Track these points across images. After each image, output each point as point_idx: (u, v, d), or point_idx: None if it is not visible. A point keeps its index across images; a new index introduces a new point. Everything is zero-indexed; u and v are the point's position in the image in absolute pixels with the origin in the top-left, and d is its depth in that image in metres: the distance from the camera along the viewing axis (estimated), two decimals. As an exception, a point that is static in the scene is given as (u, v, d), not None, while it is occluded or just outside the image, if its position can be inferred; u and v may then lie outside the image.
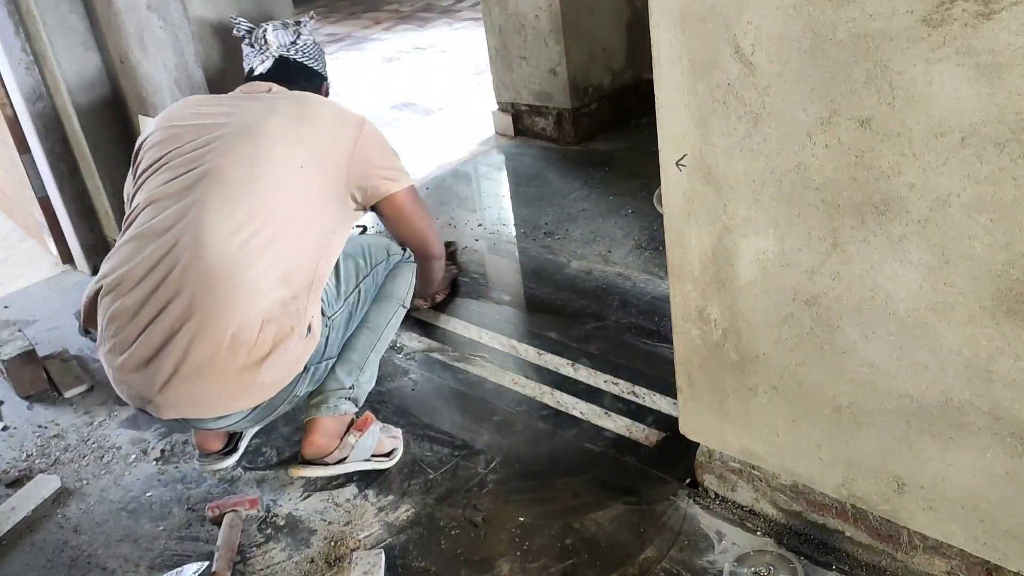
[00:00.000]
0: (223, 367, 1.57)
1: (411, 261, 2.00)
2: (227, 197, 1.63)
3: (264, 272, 1.61)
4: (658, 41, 1.30)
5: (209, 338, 1.56)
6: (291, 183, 1.69)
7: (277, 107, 1.77)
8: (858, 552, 1.48)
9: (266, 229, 1.63)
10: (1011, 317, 1.09)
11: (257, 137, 1.70)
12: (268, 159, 1.68)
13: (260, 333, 1.58)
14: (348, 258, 1.84)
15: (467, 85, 4.84)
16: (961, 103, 1.02)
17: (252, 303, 1.58)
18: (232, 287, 1.58)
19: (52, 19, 2.44)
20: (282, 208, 1.67)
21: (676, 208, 1.41)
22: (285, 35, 2.01)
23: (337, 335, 1.79)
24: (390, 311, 1.94)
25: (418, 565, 1.61)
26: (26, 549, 1.79)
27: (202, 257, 1.58)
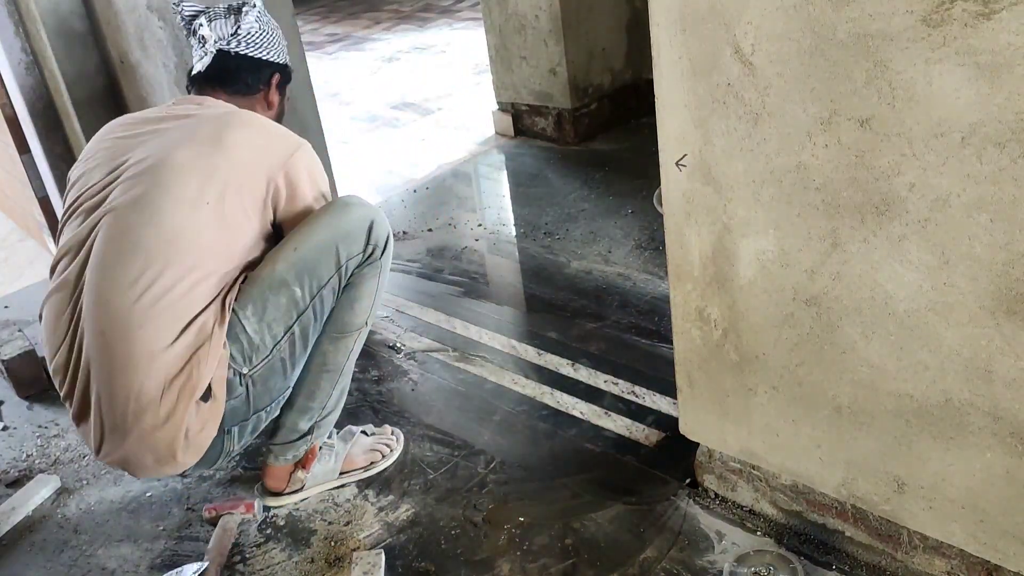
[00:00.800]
0: (136, 433, 1.49)
1: (374, 260, 1.67)
2: (122, 246, 1.50)
3: (160, 328, 1.47)
4: (658, 41, 1.30)
5: (115, 402, 1.48)
6: (196, 222, 1.51)
7: (195, 133, 1.59)
8: (858, 552, 1.48)
9: (164, 278, 1.47)
10: (1011, 317, 1.09)
11: (162, 172, 1.53)
12: (170, 197, 1.51)
13: (163, 396, 1.47)
14: (279, 289, 1.56)
15: (467, 85, 4.84)
16: (961, 103, 1.02)
17: (150, 364, 1.46)
18: (126, 348, 1.46)
19: (52, 19, 2.44)
20: (184, 252, 1.50)
21: (676, 208, 1.41)
22: (224, 26, 1.73)
23: (268, 386, 1.61)
24: (349, 344, 1.70)
25: (418, 565, 1.61)
26: (26, 549, 1.79)
27: (98, 317, 1.48)
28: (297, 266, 1.57)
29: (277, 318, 1.57)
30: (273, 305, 1.56)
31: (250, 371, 1.57)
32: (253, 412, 1.62)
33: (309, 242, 1.59)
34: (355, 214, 1.65)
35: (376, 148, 4.08)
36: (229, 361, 1.54)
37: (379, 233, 1.67)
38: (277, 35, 1.82)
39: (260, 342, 1.56)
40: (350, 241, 1.62)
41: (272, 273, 1.57)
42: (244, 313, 1.55)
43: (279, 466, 1.76)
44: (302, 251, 1.58)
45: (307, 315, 1.61)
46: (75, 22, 2.48)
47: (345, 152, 4.03)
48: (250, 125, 1.64)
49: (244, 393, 1.58)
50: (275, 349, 1.59)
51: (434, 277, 2.68)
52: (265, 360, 1.58)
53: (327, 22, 7.43)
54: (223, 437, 1.60)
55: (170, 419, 1.48)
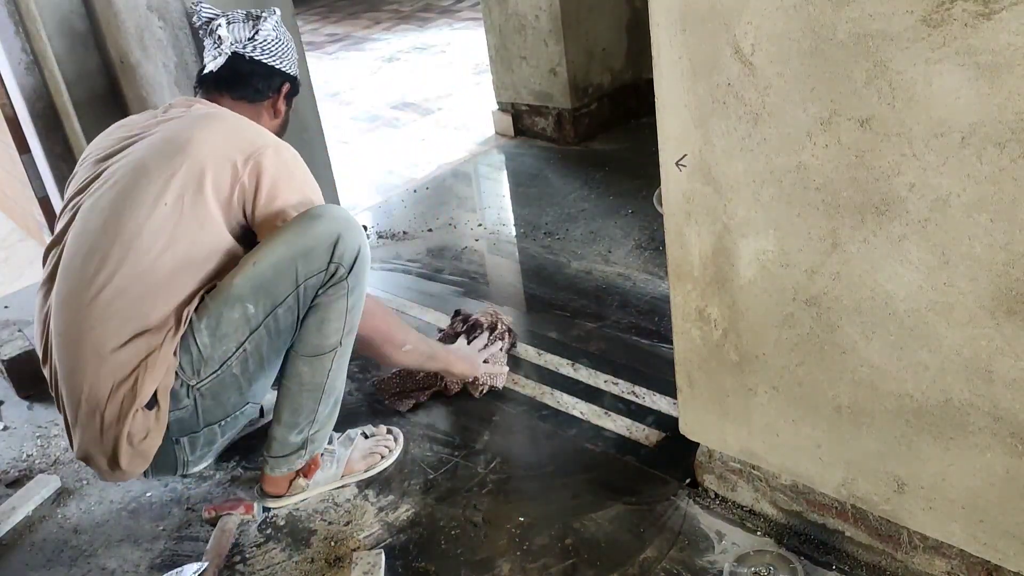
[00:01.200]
0: (89, 433, 1.53)
1: (339, 280, 1.56)
2: (82, 248, 1.52)
3: (111, 332, 1.48)
4: (658, 41, 1.30)
5: (71, 400, 1.53)
6: (154, 225, 1.51)
7: (167, 134, 1.61)
8: (858, 552, 1.48)
9: (117, 280, 1.48)
10: (1011, 317, 1.09)
11: (128, 175, 1.55)
12: (131, 199, 1.52)
13: (109, 400, 1.48)
14: (234, 304, 1.52)
15: (467, 85, 4.84)
16: (961, 103, 1.02)
17: (98, 366, 1.47)
18: (80, 349, 1.49)
19: (52, 19, 2.43)
20: (139, 255, 1.49)
21: (676, 208, 1.41)
22: (242, 30, 1.76)
23: (219, 400, 1.59)
24: (326, 363, 1.63)
25: (418, 565, 1.61)
26: (26, 549, 1.79)
27: (59, 317, 1.53)
28: (253, 281, 1.52)
29: (229, 333, 1.54)
30: (226, 320, 1.53)
31: (198, 383, 1.56)
32: (204, 425, 1.62)
33: (269, 257, 1.53)
34: (320, 228, 1.55)
35: (376, 148, 4.08)
36: (177, 371, 1.54)
37: (344, 250, 1.56)
38: (291, 47, 1.86)
39: (209, 356, 1.54)
40: (311, 259, 1.54)
41: (229, 287, 1.53)
42: (199, 325, 1.53)
43: (276, 476, 1.76)
44: (260, 266, 1.53)
45: (259, 333, 1.56)
46: (75, 22, 2.48)
47: (345, 152, 4.03)
48: (221, 122, 1.63)
49: (192, 405, 1.57)
50: (225, 365, 1.56)
51: (434, 277, 2.68)
52: (214, 374, 1.56)
53: (327, 22, 7.43)
54: (173, 447, 1.61)
55: (115, 423, 1.51)
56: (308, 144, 2.72)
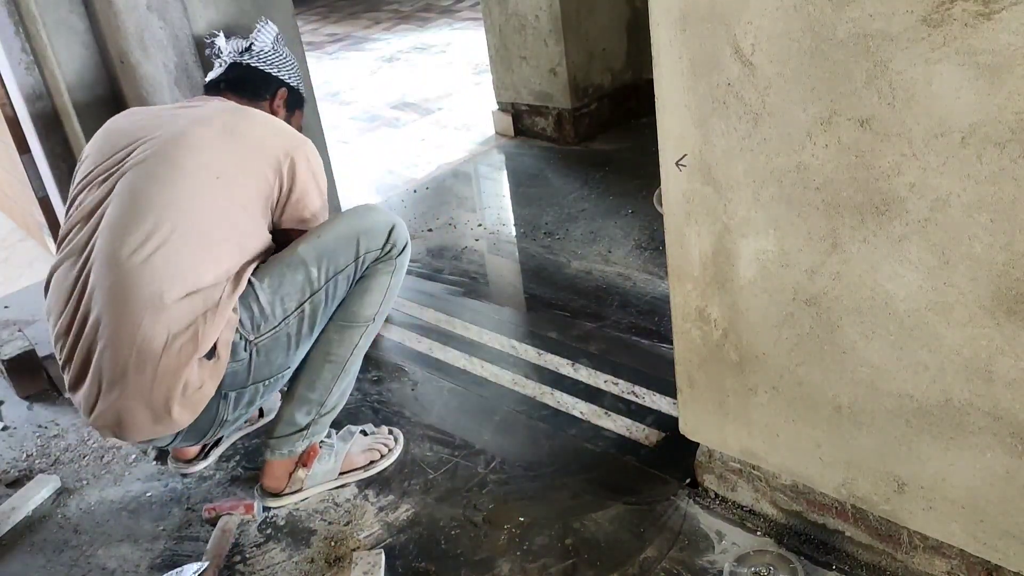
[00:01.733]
0: (135, 385, 1.52)
1: (391, 258, 1.72)
2: (133, 209, 1.56)
3: (168, 285, 1.51)
4: (658, 41, 1.30)
5: (119, 353, 1.51)
6: (206, 194, 1.59)
7: (208, 116, 1.69)
8: (858, 552, 1.48)
9: (172, 240, 1.53)
10: (1011, 317, 1.09)
11: (176, 147, 1.62)
12: (182, 169, 1.59)
13: (165, 349, 1.50)
14: (297, 267, 1.63)
15: (467, 85, 4.84)
16: (961, 103, 1.02)
17: (155, 316, 1.50)
18: (134, 300, 1.51)
19: (52, 19, 2.43)
20: (192, 219, 1.56)
21: (676, 208, 1.41)
22: (239, 43, 1.92)
23: (269, 359, 1.63)
24: (355, 336, 1.73)
25: (418, 565, 1.61)
26: (26, 549, 1.79)
27: (107, 274, 1.53)
28: (317, 249, 1.64)
29: (291, 293, 1.62)
30: (289, 281, 1.62)
31: (256, 339, 1.60)
32: (252, 382, 1.64)
33: (332, 232, 1.67)
34: (379, 216, 1.72)
35: (376, 148, 4.08)
36: (237, 326, 1.57)
37: (399, 236, 1.72)
38: (290, 62, 1.96)
39: (271, 312, 1.60)
40: (371, 236, 1.68)
41: (292, 253, 1.63)
42: (260, 284, 1.60)
43: (276, 461, 1.76)
44: (324, 238, 1.65)
45: (319, 296, 1.65)
46: (75, 22, 2.48)
47: (345, 152, 4.04)
48: (260, 117, 1.74)
49: (247, 359, 1.60)
50: (283, 323, 1.62)
51: (434, 277, 2.68)
52: (272, 331, 1.61)
53: (327, 22, 7.43)
54: (219, 402, 1.61)
55: (171, 372, 1.51)
56: (308, 144, 2.72)
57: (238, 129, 1.67)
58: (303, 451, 1.77)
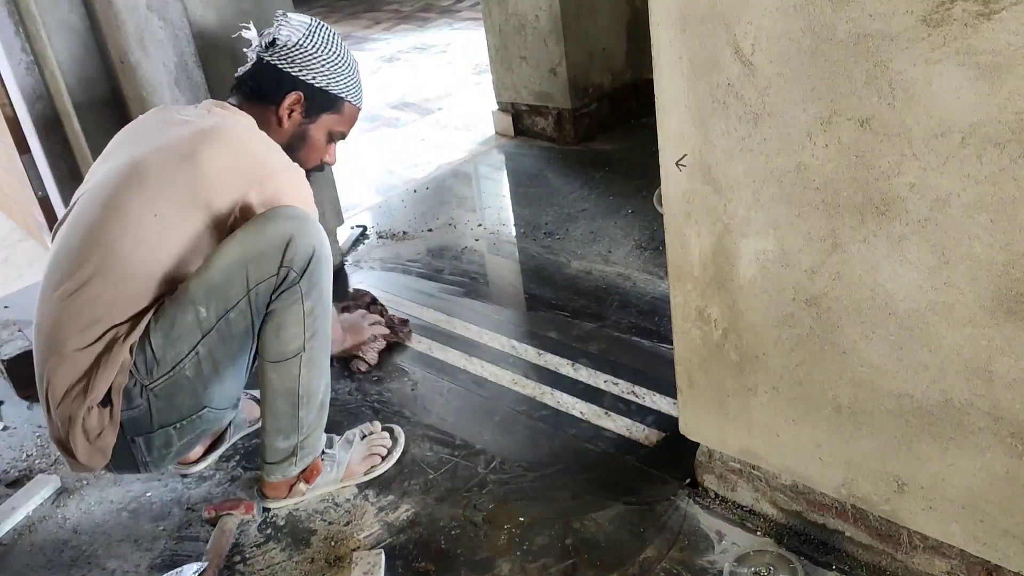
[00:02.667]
0: (52, 426, 1.59)
1: (291, 284, 1.54)
2: (67, 246, 1.55)
3: (76, 332, 1.50)
4: (658, 41, 1.30)
5: (41, 391, 1.58)
6: (138, 233, 1.52)
7: (174, 140, 1.59)
8: (858, 552, 1.48)
9: (92, 285, 1.50)
10: (1011, 317, 1.09)
11: (121, 178, 1.56)
12: (120, 203, 1.53)
13: (64, 397, 1.53)
14: (187, 307, 1.52)
15: (467, 85, 4.84)
16: (961, 103, 1.02)
17: (60, 363, 1.51)
18: (49, 345, 1.53)
19: (52, 19, 2.43)
20: (119, 263, 1.50)
21: (676, 208, 1.41)
22: (264, 36, 1.79)
23: (172, 403, 1.57)
24: (294, 368, 1.61)
25: (418, 565, 1.61)
26: (26, 549, 1.79)
27: (37, 310, 1.58)
28: (205, 285, 1.52)
29: (182, 336, 1.53)
30: (179, 323, 1.52)
31: (151, 384, 1.55)
32: (159, 426, 1.60)
33: (221, 261, 1.52)
34: (271, 230, 1.53)
35: (376, 148, 4.08)
36: (132, 370, 1.53)
37: (296, 253, 1.53)
38: (322, 59, 1.77)
39: (162, 357, 1.53)
40: (261, 263, 1.52)
41: (185, 291, 1.53)
42: (154, 327, 1.53)
43: (274, 482, 1.76)
44: (212, 270, 1.52)
45: (211, 336, 1.54)
46: (75, 22, 2.48)
47: (345, 152, 4.03)
48: (227, 142, 1.59)
49: (145, 405, 1.56)
50: (177, 367, 1.54)
51: (434, 277, 2.68)
52: (166, 376, 1.55)
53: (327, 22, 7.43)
54: (130, 446, 1.60)
55: (67, 419, 1.54)
56: (308, 144, 2.72)
57: (196, 155, 1.55)
58: (302, 470, 1.76)
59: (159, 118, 1.74)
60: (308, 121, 1.80)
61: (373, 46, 6.26)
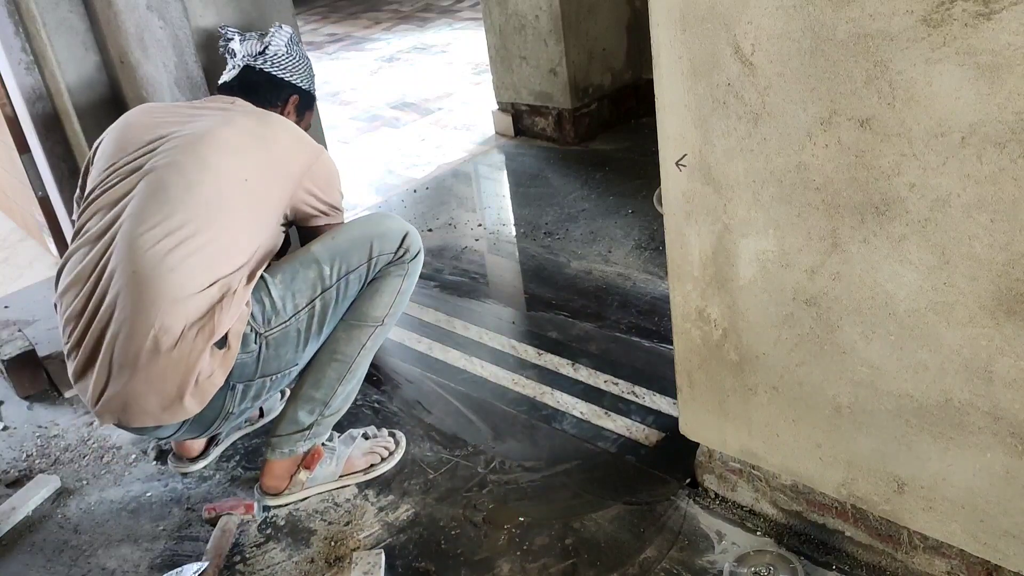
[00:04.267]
0: (148, 371, 1.53)
1: (403, 262, 1.77)
2: (161, 202, 1.59)
3: (189, 277, 1.54)
4: (658, 41, 1.30)
5: (133, 338, 1.52)
6: (232, 195, 1.63)
7: (234, 120, 1.72)
8: (858, 552, 1.48)
9: (198, 237, 1.57)
10: (1011, 317, 1.09)
11: (205, 146, 1.64)
12: (212, 169, 1.62)
13: (181, 338, 1.52)
14: (310, 264, 1.68)
15: (467, 85, 4.84)
16: (961, 103, 1.02)
17: (175, 305, 1.53)
18: (155, 288, 1.53)
19: (52, 19, 2.43)
20: (218, 219, 1.60)
21: (676, 208, 1.41)
22: (254, 45, 1.91)
23: (278, 353, 1.66)
24: (364, 336, 1.76)
25: (418, 565, 1.61)
26: (26, 549, 1.79)
27: (130, 260, 1.55)
28: (331, 249, 1.69)
29: (302, 289, 1.66)
30: (301, 277, 1.66)
31: (266, 332, 1.63)
32: (259, 375, 1.65)
33: (346, 234, 1.72)
34: (394, 223, 1.78)
35: (376, 148, 4.08)
36: (249, 319, 1.60)
37: (412, 243, 1.77)
38: (304, 64, 1.96)
39: (281, 307, 1.64)
40: (385, 240, 1.73)
41: (306, 252, 1.69)
42: (272, 279, 1.64)
43: (276, 460, 1.76)
44: (339, 240, 1.71)
45: (330, 293, 1.68)
46: (75, 22, 2.48)
47: (345, 152, 4.03)
48: (283, 125, 1.76)
49: (256, 352, 1.63)
50: (294, 318, 1.65)
51: (434, 277, 2.68)
52: (282, 325, 1.64)
53: (327, 22, 7.42)
54: (226, 393, 1.62)
55: (185, 359, 1.53)
56: (308, 144, 2.72)
57: (264, 135, 1.70)
58: (305, 452, 1.77)
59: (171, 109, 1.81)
60: (299, 120, 1.96)
61: (373, 46, 6.26)
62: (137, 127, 1.75)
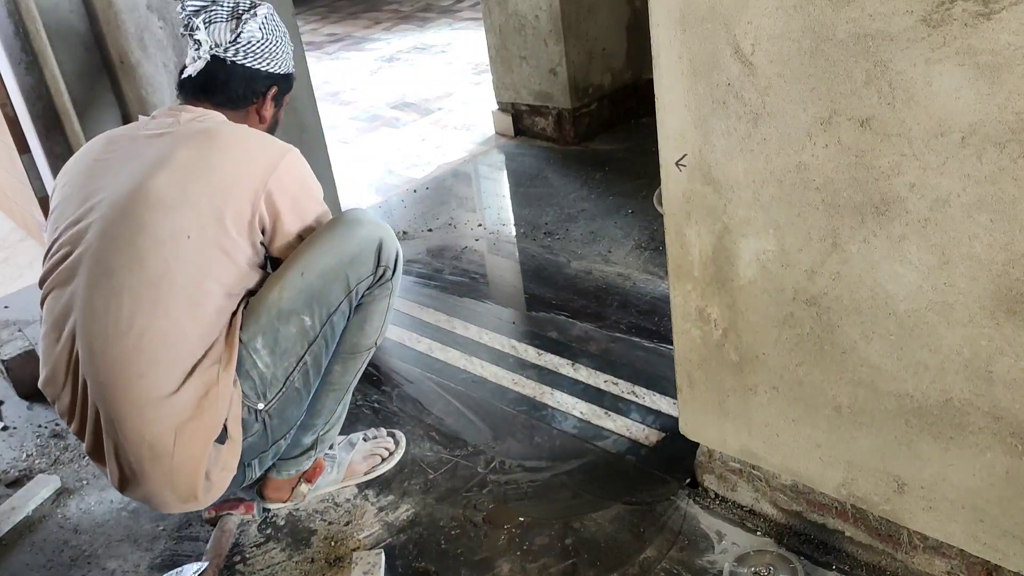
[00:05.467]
0: (153, 476, 1.45)
1: (385, 281, 1.61)
2: (108, 291, 1.41)
3: (159, 378, 1.40)
4: (658, 41, 1.30)
5: (130, 451, 1.44)
6: (180, 262, 1.42)
7: (172, 157, 1.48)
8: (858, 552, 1.48)
9: (156, 322, 1.40)
10: (1011, 317, 1.09)
11: (138, 207, 1.44)
12: (151, 235, 1.42)
13: (176, 443, 1.42)
14: (289, 319, 1.50)
15: (467, 85, 4.84)
16: (961, 103, 1.02)
17: (156, 410, 1.40)
18: (129, 399, 1.40)
19: (52, 19, 2.43)
20: (171, 297, 1.41)
21: (676, 208, 1.41)
22: (222, 31, 1.59)
23: (283, 417, 1.58)
24: (358, 363, 1.67)
25: (418, 565, 1.61)
26: (26, 549, 1.79)
27: (96, 367, 1.42)
28: (305, 293, 1.51)
29: (288, 349, 1.52)
30: (284, 336, 1.51)
31: (266, 406, 1.53)
32: (272, 443, 1.61)
33: (316, 267, 1.52)
34: (362, 234, 1.56)
35: (376, 148, 4.08)
36: (243, 399, 1.49)
37: (388, 253, 1.59)
38: (282, 43, 1.69)
39: (272, 376, 1.52)
40: (359, 265, 1.55)
41: (279, 301, 1.50)
42: (254, 346, 1.49)
43: (282, 479, 1.75)
44: (309, 277, 1.51)
45: (318, 343, 1.56)
46: (75, 22, 2.48)
47: (345, 152, 4.03)
48: (231, 140, 1.53)
49: (261, 428, 1.55)
50: (288, 381, 1.54)
51: (434, 277, 2.68)
52: (280, 393, 1.54)
53: (327, 22, 7.42)
54: (244, 470, 1.59)
55: (188, 464, 1.44)
56: (308, 144, 2.72)
57: (207, 165, 1.48)
58: (301, 471, 1.75)
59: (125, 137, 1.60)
60: (277, 107, 1.74)
61: (373, 46, 6.26)
62: (78, 178, 1.56)
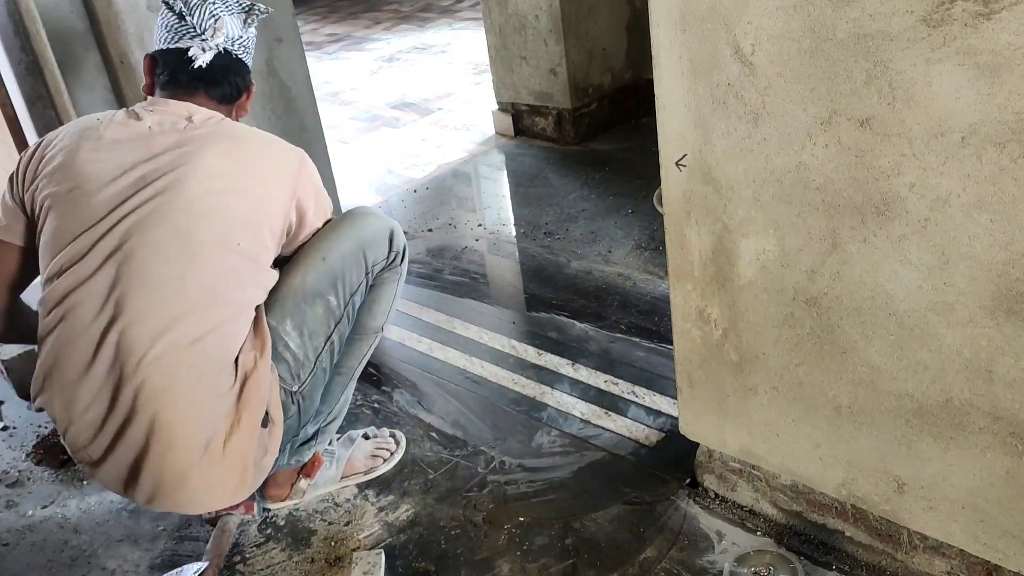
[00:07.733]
0: (205, 476, 1.44)
1: (396, 265, 1.68)
2: (159, 299, 1.40)
3: (213, 383, 1.42)
4: (658, 41, 1.30)
5: (181, 454, 1.41)
6: (230, 268, 1.45)
7: (203, 161, 1.45)
8: (858, 552, 1.48)
9: (202, 326, 1.41)
10: (1011, 317, 1.09)
11: (186, 216, 1.42)
12: (203, 247, 1.43)
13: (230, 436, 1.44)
14: (315, 300, 1.55)
15: (467, 85, 4.84)
16: (961, 103, 1.02)
17: (216, 411, 1.42)
18: (187, 400, 1.40)
19: (52, 19, 2.43)
20: (225, 296, 1.45)
21: (676, 208, 1.41)
22: (235, 25, 1.58)
23: (312, 397, 1.61)
24: (364, 347, 1.71)
25: (418, 565, 1.61)
26: (26, 549, 1.79)
27: (147, 379, 1.38)
28: (328, 275, 1.58)
29: (316, 329, 1.58)
30: (311, 317, 1.57)
31: (299, 388, 1.57)
32: (301, 426, 1.64)
33: (336, 251, 1.59)
34: (376, 224, 1.67)
35: (376, 148, 4.08)
36: (279, 382, 1.53)
37: (399, 241, 1.69)
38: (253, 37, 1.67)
39: (304, 357, 1.57)
40: (375, 247, 1.64)
41: (304, 285, 1.56)
42: (284, 329, 1.54)
43: (282, 471, 1.75)
44: (331, 260, 1.58)
45: (343, 322, 1.63)
46: (75, 22, 2.48)
47: (345, 152, 4.03)
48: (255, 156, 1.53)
49: (296, 410, 1.59)
50: (318, 361, 1.59)
51: (434, 277, 2.69)
52: (311, 375, 1.59)
53: (327, 22, 7.42)
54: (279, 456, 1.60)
55: (237, 454, 1.45)
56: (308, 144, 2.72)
57: (243, 174, 1.49)
58: (308, 460, 1.76)
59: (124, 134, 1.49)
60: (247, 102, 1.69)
61: (373, 46, 6.26)
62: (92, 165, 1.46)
